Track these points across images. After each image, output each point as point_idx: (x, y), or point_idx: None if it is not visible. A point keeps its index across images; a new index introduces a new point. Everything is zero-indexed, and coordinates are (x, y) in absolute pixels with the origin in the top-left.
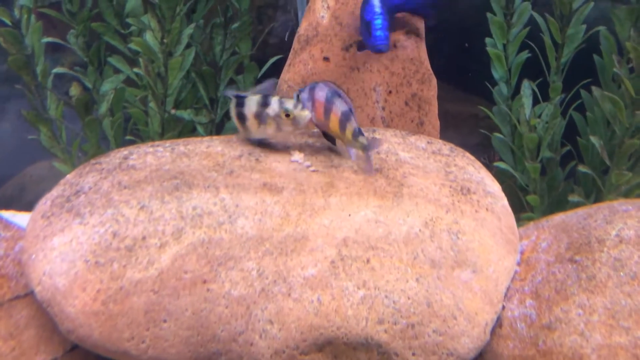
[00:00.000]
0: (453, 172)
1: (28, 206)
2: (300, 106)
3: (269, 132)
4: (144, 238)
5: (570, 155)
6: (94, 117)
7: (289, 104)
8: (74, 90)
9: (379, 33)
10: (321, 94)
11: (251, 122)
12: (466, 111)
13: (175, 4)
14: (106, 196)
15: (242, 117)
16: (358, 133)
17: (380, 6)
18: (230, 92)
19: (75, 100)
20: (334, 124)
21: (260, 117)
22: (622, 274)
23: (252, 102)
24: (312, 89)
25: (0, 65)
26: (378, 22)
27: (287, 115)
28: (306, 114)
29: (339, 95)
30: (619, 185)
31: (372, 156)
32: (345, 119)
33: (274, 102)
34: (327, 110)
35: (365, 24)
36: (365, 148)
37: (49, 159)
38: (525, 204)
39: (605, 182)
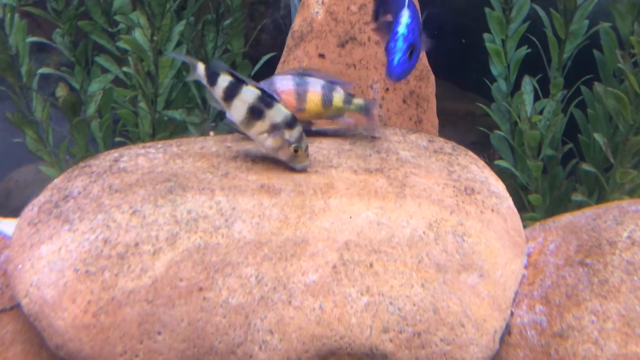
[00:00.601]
0: (456, 171)
1: (13, 212)
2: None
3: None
4: (136, 244)
5: (570, 153)
6: (81, 118)
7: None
8: (61, 91)
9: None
10: (284, 82)
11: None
12: (463, 109)
13: (165, 1)
14: (96, 201)
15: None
16: (349, 97)
17: (406, 32)
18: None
19: (62, 101)
20: (314, 104)
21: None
22: (635, 278)
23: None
24: (271, 84)
25: None
26: (398, 54)
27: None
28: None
29: (310, 75)
30: (623, 183)
31: (374, 114)
32: (328, 90)
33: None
34: (301, 94)
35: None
36: (364, 108)
37: (35, 163)
38: (526, 204)
39: (608, 180)
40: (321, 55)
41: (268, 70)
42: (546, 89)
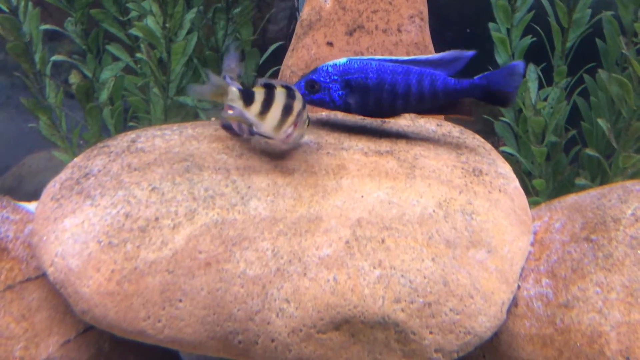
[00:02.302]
0: (464, 153)
1: (27, 197)
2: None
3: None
4: (156, 219)
5: (572, 140)
6: (95, 104)
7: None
8: (74, 78)
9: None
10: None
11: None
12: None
13: None
14: (116, 178)
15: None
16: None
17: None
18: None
19: (76, 88)
20: None
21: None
22: (639, 251)
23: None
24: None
25: None
26: (300, 81)
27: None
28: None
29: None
30: (626, 168)
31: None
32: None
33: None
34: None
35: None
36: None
37: (47, 150)
38: (530, 189)
39: (611, 165)
40: (329, 44)
41: (277, 60)
42: (550, 77)
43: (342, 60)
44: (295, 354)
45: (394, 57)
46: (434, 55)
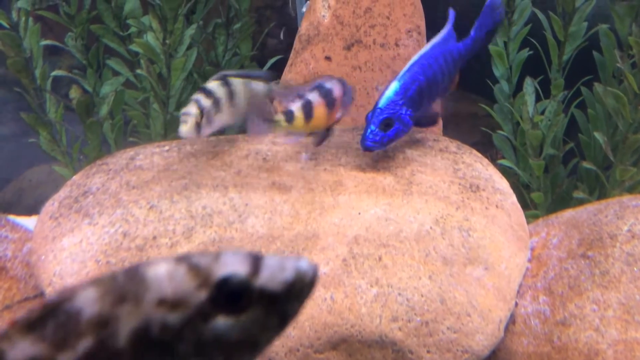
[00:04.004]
0: (461, 169)
1: (27, 211)
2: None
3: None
4: (154, 238)
5: (570, 153)
6: (95, 119)
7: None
8: (74, 93)
9: (370, 135)
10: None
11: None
12: (465, 110)
13: (177, 5)
14: (115, 196)
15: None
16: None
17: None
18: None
19: (76, 103)
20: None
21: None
22: (635, 269)
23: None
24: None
25: None
26: (372, 127)
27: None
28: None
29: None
30: (623, 181)
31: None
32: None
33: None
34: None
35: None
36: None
37: (47, 163)
38: (529, 202)
39: (609, 178)
40: (327, 58)
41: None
42: (547, 90)
43: (395, 84)
44: None
45: (422, 52)
46: (443, 34)
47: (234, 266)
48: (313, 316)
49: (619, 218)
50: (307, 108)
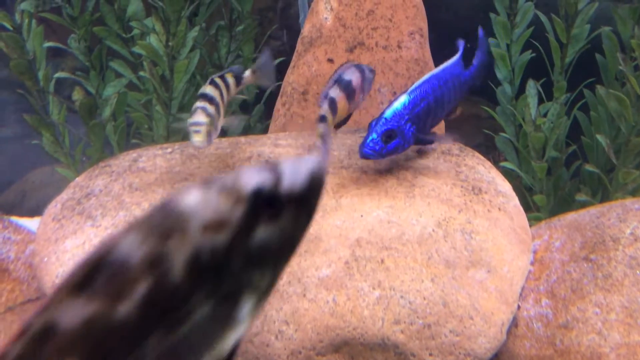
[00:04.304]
0: (464, 171)
1: (30, 212)
2: None
3: None
4: None
5: (573, 155)
6: (97, 121)
7: None
8: (77, 95)
9: (370, 143)
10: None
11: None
12: (467, 112)
13: (181, 7)
14: (117, 198)
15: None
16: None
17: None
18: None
19: (79, 105)
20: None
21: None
22: (638, 272)
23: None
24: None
25: (0, 71)
26: (374, 135)
27: None
28: None
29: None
30: (626, 183)
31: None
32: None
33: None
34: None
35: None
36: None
37: (50, 165)
38: (531, 204)
39: (612, 180)
40: (330, 60)
41: (278, 76)
42: (550, 93)
43: (405, 97)
44: None
45: (434, 72)
46: (454, 59)
47: (258, 178)
48: (315, 319)
49: (621, 221)
50: (333, 106)
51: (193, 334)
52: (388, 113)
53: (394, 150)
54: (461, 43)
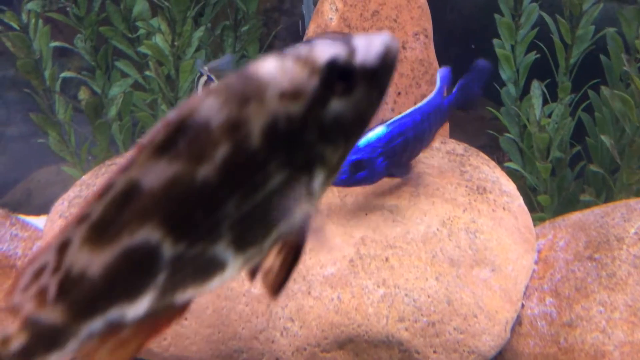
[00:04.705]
0: (468, 171)
1: (35, 211)
2: None
3: None
4: None
5: (577, 156)
6: (103, 120)
7: None
8: (83, 94)
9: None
10: None
11: None
12: (472, 112)
13: (186, 8)
14: None
15: None
16: None
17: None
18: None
19: (85, 104)
20: None
21: None
22: None
23: None
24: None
25: (6, 71)
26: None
27: None
28: None
29: None
30: (630, 184)
31: None
32: None
33: None
34: None
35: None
36: None
37: (56, 164)
38: (535, 204)
39: (616, 181)
40: None
41: None
42: (554, 93)
43: (382, 129)
44: None
45: (417, 106)
46: (437, 90)
47: (332, 50)
48: (320, 316)
49: (626, 221)
50: None
51: (268, 202)
52: (362, 142)
53: (361, 181)
54: (443, 70)
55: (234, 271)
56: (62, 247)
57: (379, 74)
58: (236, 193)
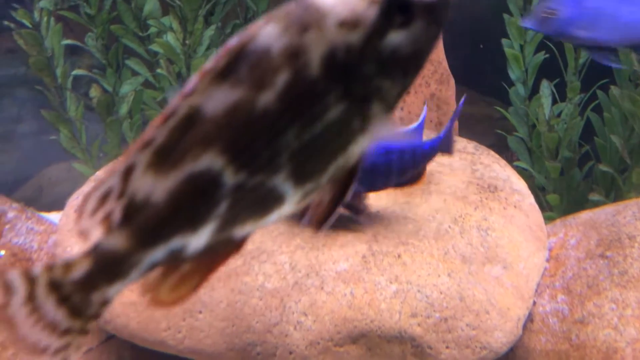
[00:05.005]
0: (479, 169)
1: (46, 207)
2: None
3: None
4: None
5: (586, 155)
6: (115, 118)
7: None
8: (94, 92)
9: None
10: None
11: None
12: (480, 112)
13: (198, 6)
14: None
15: None
16: None
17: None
18: None
19: (97, 102)
20: None
21: None
22: None
23: None
24: None
25: (17, 68)
26: None
27: None
28: None
29: None
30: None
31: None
32: None
33: None
34: None
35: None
36: None
37: (67, 161)
38: (544, 204)
39: (625, 181)
40: None
41: None
42: (563, 93)
43: None
44: None
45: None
46: (414, 127)
47: None
48: (333, 311)
49: (637, 219)
50: None
51: (327, 133)
52: None
53: None
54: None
55: (291, 205)
56: (127, 172)
57: (437, 9)
58: (296, 122)
